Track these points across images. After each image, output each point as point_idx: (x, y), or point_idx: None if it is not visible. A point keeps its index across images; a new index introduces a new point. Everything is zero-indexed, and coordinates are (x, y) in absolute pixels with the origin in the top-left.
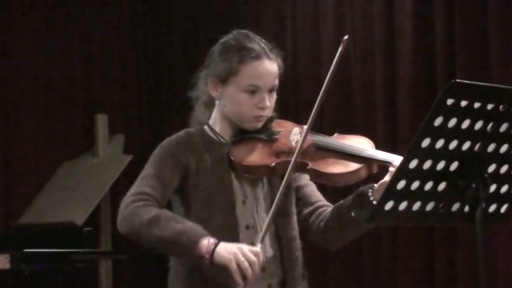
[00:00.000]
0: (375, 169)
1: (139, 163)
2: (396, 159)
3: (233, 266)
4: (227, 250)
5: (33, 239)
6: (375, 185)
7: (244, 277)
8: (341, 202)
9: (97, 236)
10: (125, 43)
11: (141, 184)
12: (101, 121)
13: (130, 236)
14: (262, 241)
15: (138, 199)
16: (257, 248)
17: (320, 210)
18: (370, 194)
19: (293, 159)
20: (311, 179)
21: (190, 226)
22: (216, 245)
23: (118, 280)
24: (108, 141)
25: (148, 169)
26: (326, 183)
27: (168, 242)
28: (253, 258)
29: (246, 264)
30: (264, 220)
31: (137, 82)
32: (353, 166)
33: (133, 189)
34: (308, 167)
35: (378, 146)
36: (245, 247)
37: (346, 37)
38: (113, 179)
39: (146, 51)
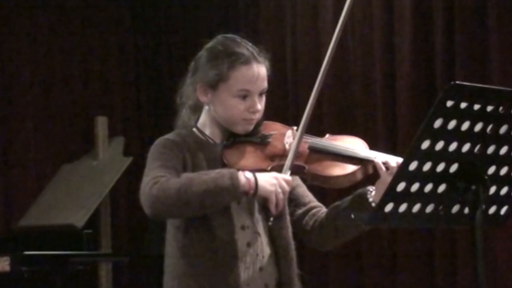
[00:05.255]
0: (370, 170)
1: (139, 165)
2: (390, 159)
3: (273, 197)
4: (268, 182)
5: (33, 242)
6: (372, 187)
7: (277, 205)
8: (337, 203)
9: (97, 239)
10: (124, 46)
11: (153, 173)
12: (101, 123)
13: (166, 212)
14: (289, 169)
15: (157, 180)
16: (288, 176)
17: (314, 210)
18: (369, 196)
19: (288, 162)
20: (308, 182)
21: (217, 171)
22: (256, 179)
23: (118, 282)
24: (108, 143)
25: (152, 163)
26: (322, 186)
27: (214, 192)
28: (287, 188)
29: (281, 195)
30: (259, 222)
31: (136, 85)
32: (350, 168)
33: (147, 177)
34: (305, 169)
35: (378, 148)
36: (280, 177)
37: None
38: (113, 181)
39: (145, 53)
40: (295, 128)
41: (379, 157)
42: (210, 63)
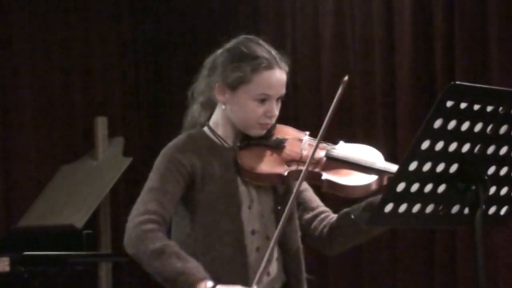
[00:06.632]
0: (385, 181)
1: (139, 165)
2: None
3: None
4: None
5: (33, 242)
6: None
7: None
8: (347, 210)
9: (97, 239)
10: (124, 46)
11: (148, 199)
12: (101, 123)
13: (134, 258)
14: (259, 283)
15: (146, 220)
16: None
17: (323, 215)
18: None
19: (304, 169)
20: (323, 190)
21: (190, 266)
22: None
23: (118, 283)
24: (108, 143)
25: (153, 180)
26: (338, 194)
27: (166, 279)
28: None
29: None
30: (269, 224)
31: (136, 85)
32: (367, 178)
33: (140, 205)
34: (322, 177)
35: (378, 148)
36: None
37: (346, 77)
38: (112, 181)
39: (145, 54)
40: (307, 133)
41: (395, 169)
42: (233, 64)
